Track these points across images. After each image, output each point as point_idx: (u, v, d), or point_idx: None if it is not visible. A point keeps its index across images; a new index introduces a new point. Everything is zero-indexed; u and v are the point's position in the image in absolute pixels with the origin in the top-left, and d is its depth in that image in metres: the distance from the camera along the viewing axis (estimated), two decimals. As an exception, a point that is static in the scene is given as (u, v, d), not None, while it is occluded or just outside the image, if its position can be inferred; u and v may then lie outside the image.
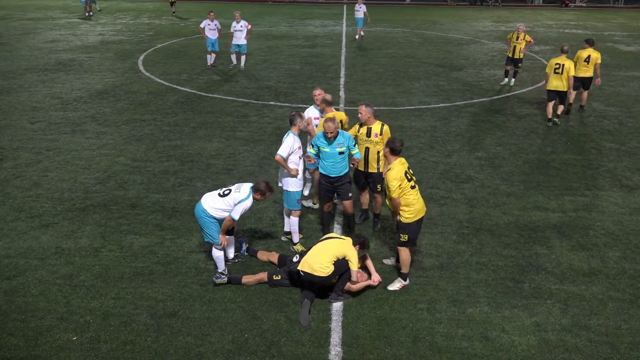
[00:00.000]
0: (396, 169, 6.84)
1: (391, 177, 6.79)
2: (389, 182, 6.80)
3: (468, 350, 6.10)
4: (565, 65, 12.97)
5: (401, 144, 6.96)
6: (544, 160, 11.40)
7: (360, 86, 16.81)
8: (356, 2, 24.92)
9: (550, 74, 13.25)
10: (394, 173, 6.81)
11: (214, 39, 18.46)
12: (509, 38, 16.87)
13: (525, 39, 16.53)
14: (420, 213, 7.06)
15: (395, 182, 6.77)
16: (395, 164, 6.91)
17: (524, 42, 16.54)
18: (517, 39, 16.50)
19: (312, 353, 6.02)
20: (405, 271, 7.18)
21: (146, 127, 12.94)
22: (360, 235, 7.18)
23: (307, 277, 6.70)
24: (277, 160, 7.58)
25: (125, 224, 8.61)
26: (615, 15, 36.73)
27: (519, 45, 16.53)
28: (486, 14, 36.05)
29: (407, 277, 7.23)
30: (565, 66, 12.96)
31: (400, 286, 7.19)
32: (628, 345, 6.23)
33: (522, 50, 16.61)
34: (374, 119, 8.06)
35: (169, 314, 6.58)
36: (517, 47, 16.56)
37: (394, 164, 6.93)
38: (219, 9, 31.25)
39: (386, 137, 7.99)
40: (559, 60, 13.09)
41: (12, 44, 22.41)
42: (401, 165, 6.91)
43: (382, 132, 8.03)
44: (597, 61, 13.95)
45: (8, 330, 6.26)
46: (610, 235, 8.57)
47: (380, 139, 8.01)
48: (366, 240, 7.08)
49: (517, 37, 16.51)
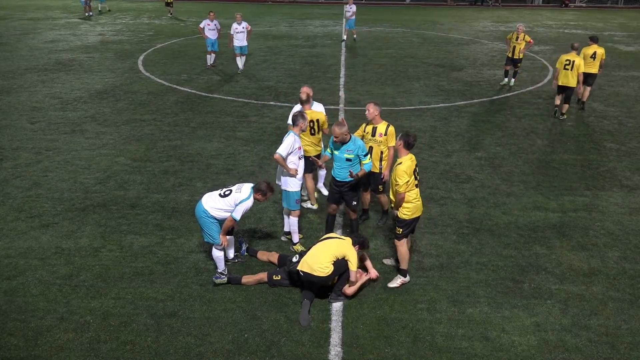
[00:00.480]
0: (406, 164, 6.86)
1: (401, 171, 6.81)
2: (398, 176, 6.81)
3: (468, 350, 6.10)
4: (576, 62, 13.39)
5: (414, 139, 6.98)
6: (544, 160, 11.40)
7: (360, 86, 16.81)
8: (346, 3, 24.22)
9: (560, 70, 13.67)
10: (404, 167, 6.82)
11: (213, 39, 18.49)
12: (508, 38, 16.92)
13: (525, 39, 16.55)
14: (417, 212, 7.10)
15: (405, 177, 6.79)
16: (406, 159, 6.92)
17: (524, 43, 16.57)
18: (517, 39, 16.54)
19: (312, 353, 6.02)
20: (404, 267, 7.19)
21: (146, 127, 12.94)
22: (360, 235, 7.18)
23: (307, 277, 6.70)
24: (275, 159, 7.58)
25: (125, 224, 8.61)
26: (615, 15, 36.73)
27: (519, 45, 16.56)
28: (486, 14, 36.05)
29: (407, 273, 7.24)
30: (575, 63, 13.39)
31: (400, 282, 7.20)
32: (628, 345, 6.24)
33: (521, 50, 16.63)
34: (380, 119, 8.08)
35: (169, 314, 6.58)
36: (516, 48, 16.59)
37: (404, 158, 6.93)
38: (219, 9, 31.28)
39: (391, 138, 8.04)
40: (569, 57, 13.52)
41: (12, 44, 22.40)
42: (411, 162, 6.95)
43: (387, 132, 8.04)
44: (603, 57, 14.33)
45: (8, 330, 6.26)
46: (610, 235, 8.57)
47: (385, 139, 8.04)
48: (366, 240, 7.09)
49: (516, 37, 16.55)
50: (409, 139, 6.91)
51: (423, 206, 9.32)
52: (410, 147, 6.95)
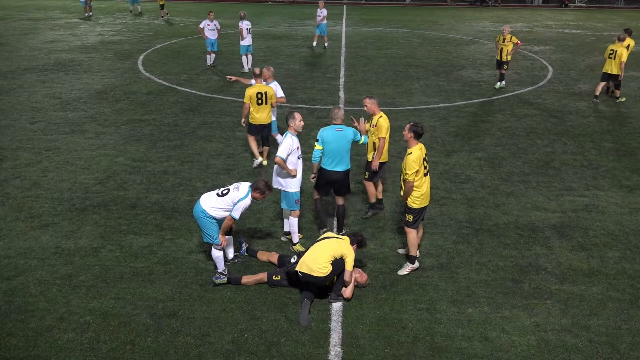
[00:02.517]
0: (416, 154, 7.03)
1: (410, 161, 6.99)
2: (408, 165, 7.00)
3: (468, 350, 6.10)
4: (618, 51, 14.81)
5: (423, 129, 7.17)
6: (543, 160, 11.40)
7: (360, 86, 16.81)
8: (317, 7, 22.25)
9: (605, 59, 15.30)
10: (413, 157, 7.00)
11: (213, 39, 18.50)
12: (497, 41, 16.72)
13: (512, 41, 16.25)
14: (426, 200, 7.28)
15: (414, 166, 6.95)
16: (415, 149, 7.09)
17: (511, 44, 16.26)
18: (504, 41, 16.28)
19: (312, 353, 6.02)
20: (413, 253, 7.36)
21: (146, 128, 12.94)
22: (358, 234, 7.18)
23: (306, 278, 6.69)
24: (277, 162, 7.58)
25: (125, 224, 8.61)
26: (615, 15, 36.73)
27: (506, 47, 16.29)
28: (486, 14, 36.05)
29: (416, 260, 7.40)
30: (617, 52, 14.80)
31: (409, 269, 7.37)
32: (628, 345, 6.23)
33: (509, 52, 16.31)
34: (378, 110, 8.49)
35: (168, 314, 6.58)
36: (504, 49, 16.34)
37: (414, 148, 7.10)
38: (219, 9, 31.28)
39: (380, 129, 8.37)
40: (613, 47, 15.02)
41: (12, 44, 22.40)
42: (420, 151, 7.11)
43: (376, 124, 8.38)
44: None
45: (8, 330, 6.26)
46: (609, 235, 8.57)
47: (375, 130, 8.37)
48: (364, 239, 7.09)
49: (503, 39, 16.31)
50: (417, 129, 7.10)
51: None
52: (419, 137, 7.15)
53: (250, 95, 10.25)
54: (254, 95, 10.23)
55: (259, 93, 10.18)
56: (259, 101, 10.22)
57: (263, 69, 10.76)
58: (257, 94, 10.19)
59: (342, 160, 7.88)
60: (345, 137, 7.84)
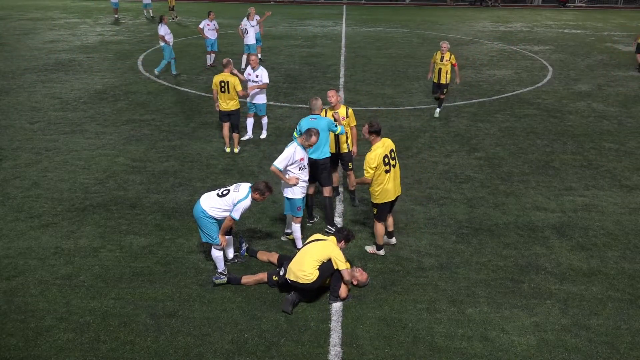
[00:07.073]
0: (376, 152, 7.14)
1: (369, 159, 7.14)
2: (366, 163, 7.16)
3: (468, 350, 6.10)
4: None
5: (378, 125, 7.28)
6: (543, 160, 11.40)
7: (360, 86, 16.81)
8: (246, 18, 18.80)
9: None
10: (372, 155, 7.13)
11: (213, 39, 18.51)
12: (433, 61, 13.93)
13: (451, 60, 13.60)
14: (389, 195, 7.38)
15: (372, 164, 7.12)
16: (377, 146, 7.21)
17: (449, 64, 13.63)
18: (442, 60, 13.58)
19: (312, 353, 6.02)
20: (379, 242, 7.70)
21: (145, 128, 12.94)
22: (343, 229, 7.15)
23: (295, 285, 6.66)
24: (271, 171, 7.59)
25: (125, 224, 8.61)
26: (614, 15, 36.73)
27: (445, 67, 13.59)
28: (486, 14, 36.04)
29: (382, 248, 7.73)
30: None
31: (372, 251, 7.78)
32: (628, 345, 6.24)
33: (448, 73, 13.68)
34: (340, 104, 8.98)
35: (168, 314, 6.58)
36: (442, 70, 13.63)
37: (375, 145, 7.22)
38: (219, 9, 31.27)
39: (352, 118, 8.88)
40: None
41: (12, 44, 22.39)
42: (382, 149, 7.18)
43: (347, 114, 8.89)
44: None
45: (8, 331, 6.26)
46: (609, 235, 8.57)
47: (347, 122, 8.82)
48: (350, 234, 7.06)
49: (441, 57, 13.59)
50: (372, 126, 7.24)
51: (423, 205, 9.37)
52: (377, 133, 7.27)
53: (215, 83, 11.05)
54: (218, 84, 11.00)
55: (222, 82, 10.95)
56: (222, 89, 11.00)
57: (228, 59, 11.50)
58: (220, 82, 10.97)
59: (319, 148, 8.24)
60: (319, 125, 8.15)
